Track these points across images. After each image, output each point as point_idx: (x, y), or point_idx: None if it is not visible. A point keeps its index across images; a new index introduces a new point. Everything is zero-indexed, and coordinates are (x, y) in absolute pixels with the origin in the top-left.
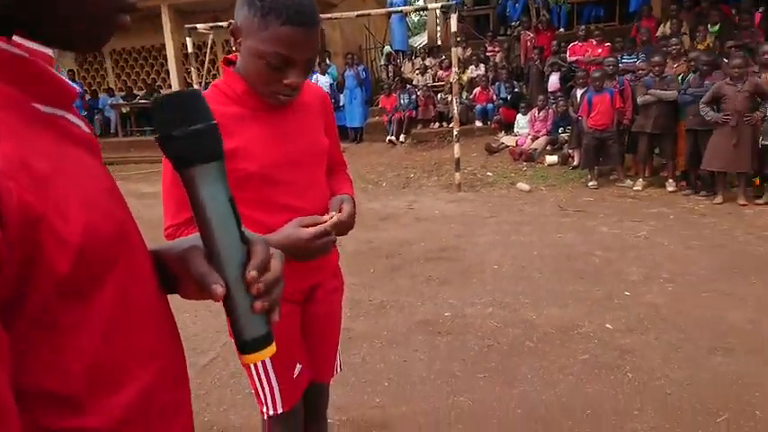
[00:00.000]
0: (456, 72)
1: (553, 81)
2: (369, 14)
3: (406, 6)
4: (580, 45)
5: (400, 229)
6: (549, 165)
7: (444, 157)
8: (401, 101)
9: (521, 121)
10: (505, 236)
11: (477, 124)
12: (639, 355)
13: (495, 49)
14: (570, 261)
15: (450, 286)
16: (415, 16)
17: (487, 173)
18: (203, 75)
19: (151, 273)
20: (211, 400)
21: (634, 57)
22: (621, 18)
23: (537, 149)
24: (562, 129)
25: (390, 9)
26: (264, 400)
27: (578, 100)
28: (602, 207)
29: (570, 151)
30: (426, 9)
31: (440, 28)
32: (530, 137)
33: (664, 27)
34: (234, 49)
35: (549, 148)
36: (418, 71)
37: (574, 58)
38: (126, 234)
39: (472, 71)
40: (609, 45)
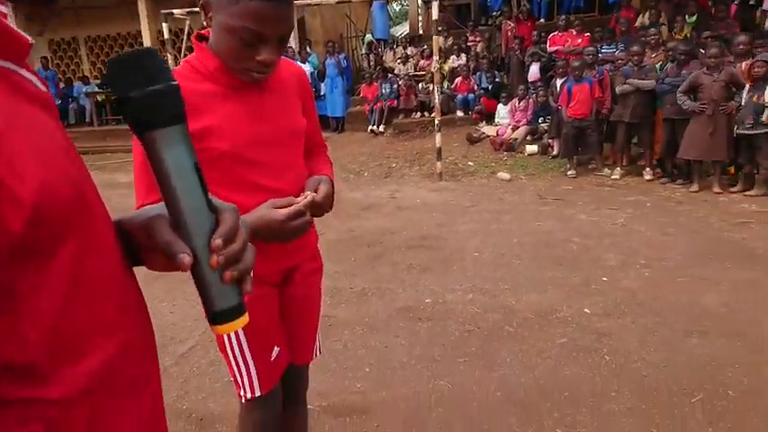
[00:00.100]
0: (437, 61)
1: (533, 71)
2: (350, 1)
3: None
4: (560, 35)
5: (382, 218)
6: (529, 154)
7: (426, 146)
8: (383, 90)
9: (501, 111)
10: (486, 224)
11: (459, 114)
12: (616, 338)
13: (477, 39)
14: (549, 248)
15: (431, 273)
16: (397, 5)
17: (469, 162)
18: (180, 62)
19: (114, 242)
20: (190, 388)
21: (613, 47)
22: (601, 9)
23: (517, 139)
24: (542, 118)
25: None
26: (242, 383)
27: (558, 90)
28: (581, 195)
29: (550, 141)
30: None
31: (421, 17)
32: (510, 127)
33: (642, 17)
34: (205, 24)
35: (529, 137)
36: (400, 60)
37: (554, 48)
38: (84, 197)
39: (453, 61)
40: (588, 35)
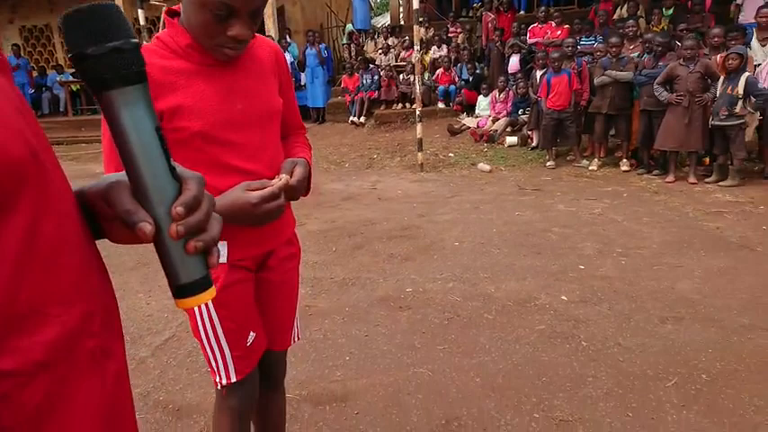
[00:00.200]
0: (418, 51)
1: (513, 63)
2: None
3: None
4: (540, 27)
5: (363, 209)
6: (509, 146)
7: (407, 138)
8: (364, 81)
9: (482, 103)
10: (466, 214)
11: (440, 106)
12: (593, 324)
13: (458, 31)
14: (528, 237)
15: (412, 263)
16: None
17: (449, 154)
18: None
19: (73, 211)
20: (166, 379)
21: (592, 39)
22: (580, 1)
23: (497, 131)
24: (522, 110)
25: None
26: (217, 368)
27: (538, 81)
28: (560, 186)
29: (529, 132)
30: None
31: (402, 8)
32: (490, 118)
33: (621, 10)
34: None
35: (509, 129)
36: (381, 51)
37: (534, 40)
38: (39, 159)
39: (434, 52)
40: (568, 27)
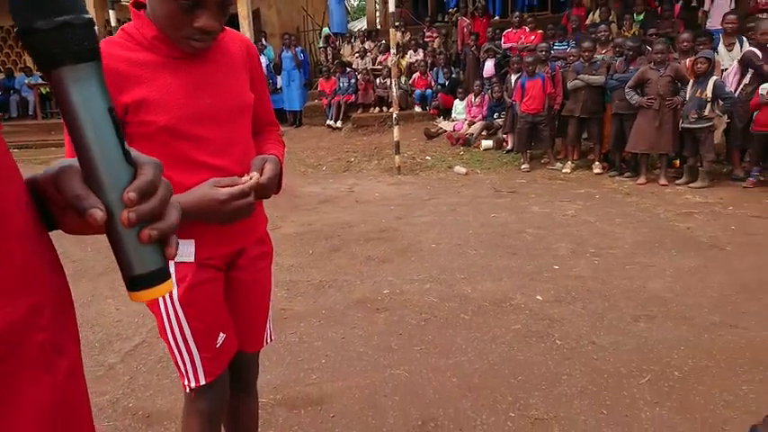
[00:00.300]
0: (394, 55)
1: (488, 67)
2: None
3: None
4: (514, 32)
5: (340, 212)
6: (484, 149)
7: (384, 141)
8: (340, 84)
9: (458, 107)
10: (443, 216)
11: (417, 109)
12: (568, 323)
13: (434, 35)
14: (504, 239)
15: (390, 265)
16: (355, 0)
17: (426, 157)
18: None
19: (21, 200)
20: (136, 385)
21: (565, 44)
22: (553, 7)
23: (473, 134)
24: (497, 114)
25: None
26: (185, 371)
27: (512, 85)
28: (534, 188)
29: (504, 136)
30: None
31: (379, 12)
32: (466, 122)
33: (593, 15)
34: None
35: (484, 133)
36: (357, 55)
37: (508, 44)
38: None
39: (411, 56)
40: (541, 32)
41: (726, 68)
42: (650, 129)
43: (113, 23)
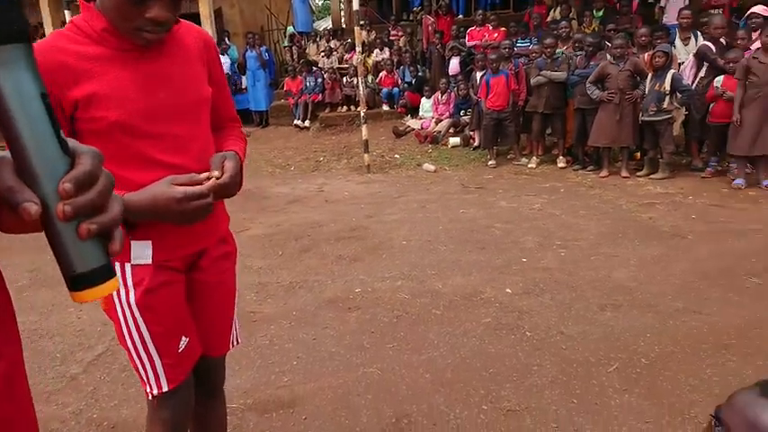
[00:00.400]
0: (360, 53)
1: (453, 65)
2: None
3: None
4: (478, 30)
5: (310, 212)
6: (452, 146)
7: (353, 140)
8: (307, 84)
9: (425, 105)
10: (413, 213)
11: (384, 108)
12: (536, 314)
13: (399, 34)
14: (473, 234)
15: (361, 263)
16: (320, 0)
17: (395, 155)
18: None
19: None
20: (100, 395)
21: (527, 41)
22: (515, 5)
23: (441, 132)
24: (463, 111)
25: None
26: (146, 377)
27: (478, 82)
28: (501, 184)
29: (471, 133)
30: None
31: (343, 11)
32: (434, 120)
33: (554, 12)
34: None
35: (452, 130)
36: (323, 54)
37: (472, 42)
38: None
39: (377, 55)
40: (504, 30)
41: (682, 62)
42: (611, 123)
43: None
